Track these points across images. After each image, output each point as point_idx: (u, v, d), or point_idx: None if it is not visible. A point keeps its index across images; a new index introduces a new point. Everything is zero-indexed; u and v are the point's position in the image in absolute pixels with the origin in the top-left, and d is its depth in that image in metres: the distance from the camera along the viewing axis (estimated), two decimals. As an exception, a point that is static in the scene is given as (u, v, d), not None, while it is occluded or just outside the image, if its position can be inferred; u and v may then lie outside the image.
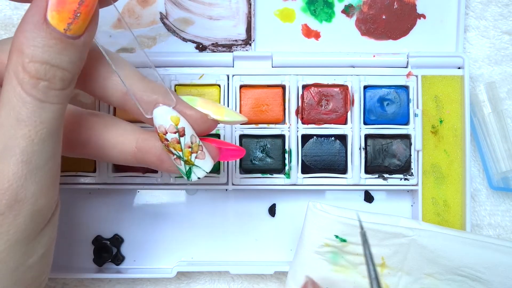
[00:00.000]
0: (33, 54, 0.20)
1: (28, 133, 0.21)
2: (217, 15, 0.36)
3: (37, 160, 0.21)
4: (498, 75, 0.38)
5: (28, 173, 0.21)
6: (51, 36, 0.20)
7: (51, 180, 0.22)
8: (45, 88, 0.21)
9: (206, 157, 0.26)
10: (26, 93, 0.20)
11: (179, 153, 0.25)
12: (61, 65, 0.21)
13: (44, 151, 0.21)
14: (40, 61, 0.20)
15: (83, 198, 0.36)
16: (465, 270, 0.32)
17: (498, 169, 0.36)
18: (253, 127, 0.35)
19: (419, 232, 0.32)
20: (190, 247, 0.37)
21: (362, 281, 0.33)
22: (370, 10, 0.36)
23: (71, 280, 0.36)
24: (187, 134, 0.25)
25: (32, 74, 0.20)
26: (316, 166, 0.35)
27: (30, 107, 0.21)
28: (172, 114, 0.24)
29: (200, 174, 0.26)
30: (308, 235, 0.33)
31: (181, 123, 0.24)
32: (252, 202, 0.37)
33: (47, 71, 0.20)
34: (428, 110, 0.36)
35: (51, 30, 0.20)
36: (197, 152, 0.25)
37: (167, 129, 0.24)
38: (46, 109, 0.21)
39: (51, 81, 0.21)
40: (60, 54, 0.21)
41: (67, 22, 0.20)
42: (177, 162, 0.25)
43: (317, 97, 0.35)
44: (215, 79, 0.35)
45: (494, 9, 0.38)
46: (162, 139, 0.24)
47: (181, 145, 0.25)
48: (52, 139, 0.22)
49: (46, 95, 0.21)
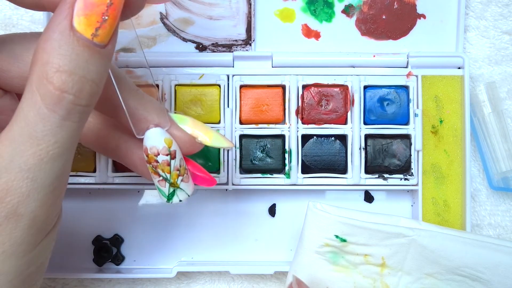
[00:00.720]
0: (60, 63, 0.19)
1: (39, 152, 0.20)
2: (217, 15, 0.36)
3: (43, 179, 0.20)
4: (498, 75, 0.38)
5: (32, 190, 0.20)
6: (78, 44, 0.19)
7: (54, 197, 0.22)
8: (69, 104, 0.19)
9: (189, 181, 0.26)
10: (47, 109, 0.19)
11: (167, 175, 0.25)
12: (90, 76, 0.20)
13: (52, 171, 0.20)
14: (68, 71, 0.19)
15: (83, 198, 0.36)
16: (465, 270, 0.32)
17: (498, 169, 0.36)
18: (253, 127, 0.35)
19: (419, 232, 0.32)
20: (190, 247, 0.37)
21: (362, 281, 0.33)
22: (370, 10, 0.36)
23: (71, 280, 0.36)
24: (177, 157, 0.25)
25: (57, 86, 0.19)
26: (316, 166, 0.35)
27: (48, 125, 0.19)
28: (165, 137, 0.24)
29: (182, 197, 0.26)
30: (308, 235, 0.33)
31: (173, 146, 0.24)
32: (252, 202, 0.37)
33: (75, 82, 0.19)
34: (428, 110, 0.36)
35: (78, 37, 0.19)
36: (183, 175, 0.25)
37: (160, 151, 0.24)
38: (65, 128, 0.20)
39: (78, 95, 0.19)
40: (89, 64, 0.19)
41: (95, 27, 0.19)
42: (160, 184, 0.25)
43: (317, 97, 0.35)
44: (215, 79, 0.35)
45: (494, 9, 0.38)
46: (151, 160, 0.24)
47: (170, 167, 0.24)
48: (62, 158, 0.21)
49: (69, 112, 0.20)
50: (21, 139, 0.19)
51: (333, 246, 0.32)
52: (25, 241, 0.21)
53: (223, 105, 0.35)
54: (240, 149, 0.35)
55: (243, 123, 0.35)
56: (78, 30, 0.19)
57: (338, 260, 0.33)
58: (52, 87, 0.19)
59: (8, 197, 0.20)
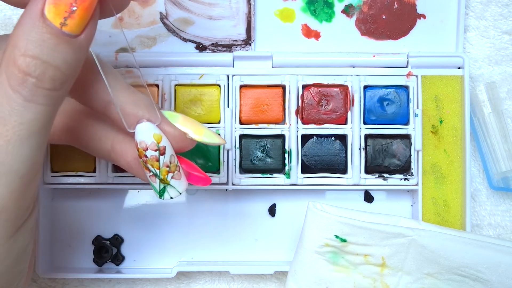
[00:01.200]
0: (26, 47, 0.19)
1: (5, 133, 0.20)
2: (217, 15, 0.36)
3: (11, 163, 0.20)
4: (498, 75, 0.38)
5: (0, 174, 0.20)
6: (46, 31, 0.20)
7: (25, 184, 0.21)
8: (32, 86, 0.20)
9: (181, 178, 0.26)
10: (12, 89, 0.20)
11: (156, 171, 0.25)
12: (53, 62, 0.20)
13: (20, 154, 0.20)
14: (32, 56, 0.20)
15: (83, 198, 0.36)
16: (465, 270, 0.32)
17: (498, 169, 0.36)
18: (253, 127, 0.35)
19: (419, 232, 0.32)
20: (190, 247, 0.37)
21: (362, 281, 0.33)
22: (370, 10, 0.36)
23: (71, 280, 0.36)
24: (167, 153, 0.25)
25: (21, 69, 0.20)
26: (316, 166, 0.35)
27: (14, 105, 0.20)
28: (155, 132, 0.24)
29: (173, 194, 0.26)
30: (308, 235, 0.33)
31: (163, 142, 0.24)
32: (252, 202, 0.37)
33: (37, 67, 0.20)
34: (428, 110, 0.36)
35: (47, 25, 0.19)
36: (174, 172, 0.25)
37: (148, 146, 0.24)
38: (30, 109, 0.20)
39: (40, 79, 0.20)
40: (54, 51, 0.20)
41: (63, 16, 0.20)
42: (152, 179, 0.25)
43: (317, 97, 0.35)
44: (215, 79, 0.35)
45: (494, 9, 0.38)
46: (141, 155, 0.24)
47: (159, 163, 0.24)
48: (30, 142, 0.21)
49: (33, 94, 0.20)
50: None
51: (333, 246, 0.32)
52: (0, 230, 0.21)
53: (223, 105, 0.35)
54: (240, 149, 0.35)
55: (243, 123, 0.35)
56: (48, 17, 0.20)
57: (338, 260, 0.33)
58: (16, 69, 0.20)
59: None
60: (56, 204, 0.36)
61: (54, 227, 0.36)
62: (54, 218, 0.36)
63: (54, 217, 0.36)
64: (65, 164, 0.35)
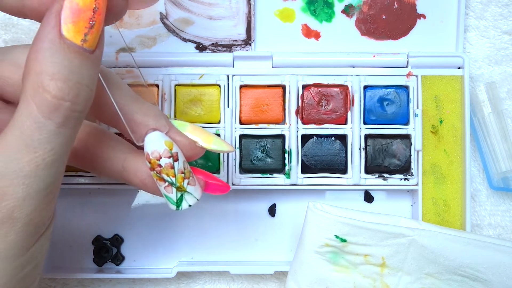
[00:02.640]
0: (54, 71, 0.19)
1: (35, 159, 0.20)
2: (217, 15, 0.36)
3: (39, 185, 0.21)
4: (498, 75, 0.38)
5: (27, 195, 0.20)
6: (70, 51, 0.19)
7: (49, 201, 0.22)
8: (67, 111, 0.20)
9: (196, 184, 0.26)
10: (44, 117, 0.19)
11: (172, 179, 0.24)
12: (84, 81, 0.20)
13: (48, 176, 0.21)
14: (63, 78, 0.19)
15: (83, 198, 0.36)
16: (465, 270, 0.32)
17: (498, 169, 0.36)
18: (253, 127, 0.35)
19: (419, 232, 0.32)
20: (190, 247, 0.37)
21: (362, 281, 0.33)
22: (370, 10, 0.36)
23: (71, 280, 0.36)
24: (180, 159, 0.25)
25: (54, 94, 0.19)
26: (316, 166, 0.35)
27: (44, 133, 0.20)
28: (165, 139, 0.24)
29: (191, 201, 0.26)
30: (308, 235, 0.33)
31: (175, 148, 0.24)
32: (252, 202, 0.37)
33: (71, 88, 0.19)
34: (428, 110, 0.36)
35: (68, 44, 0.19)
36: (189, 178, 0.25)
37: (162, 154, 0.24)
38: (61, 134, 0.20)
39: (74, 101, 0.20)
40: (81, 69, 0.20)
41: (84, 33, 0.20)
42: (167, 190, 0.25)
43: (317, 97, 0.35)
44: (215, 79, 0.35)
45: (494, 9, 0.38)
46: (155, 166, 0.24)
47: (174, 170, 0.24)
48: (57, 164, 0.21)
49: (66, 119, 0.20)
50: (17, 147, 0.20)
51: (333, 246, 0.32)
52: (18, 244, 0.21)
53: (223, 105, 0.35)
54: (240, 149, 0.35)
55: (243, 123, 0.35)
56: (67, 37, 0.19)
57: (338, 260, 0.33)
58: (49, 95, 0.19)
59: (4, 202, 0.20)
60: (56, 204, 0.36)
61: (54, 227, 0.36)
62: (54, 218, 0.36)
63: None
64: (65, 164, 0.35)
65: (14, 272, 0.22)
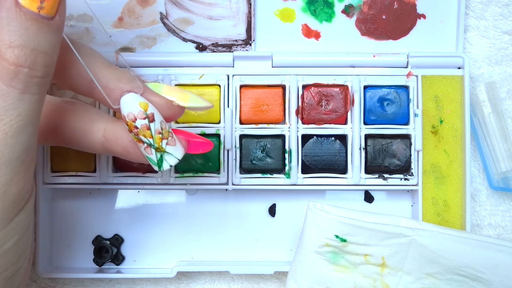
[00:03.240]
0: (11, 39, 0.19)
1: (2, 127, 0.20)
2: (217, 15, 0.36)
3: (10, 153, 0.21)
4: (498, 75, 0.38)
5: (0, 165, 0.20)
6: (26, 18, 0.19)
7: (24, 170, 0.22)
8: (26, 77, 0.20)
9: (176, 144, 0.25)
10: (5, 84, 0.20)
11: (150, 140, 0.24)
12: (42, 48, 0.20)
13: (18, 144, 0.21)
14: (20, 46, 0.20)
15: (83, 198, 0.36)
16: (465, 270, 0.32)
17: (498, 169, 0.36)
18: (253, 127, 0.35)
19: (419, 232, 0.32)
20: (190, 247, 0.37)
21: (362, 281, 0.33)
22: (370, 10, 0.36)
23: (71, 280, 0.36)
24: (156, 120, 0.24)
25: (11, 61, 0.19)
26: (316, 166, 0.35)
27: (9, 100, 0.20)
28: (140, 100, 0.24)
29: (172, 161, 0.25)
30: (308, 235, 0.33)
31: (150, 109, 0.24)
32: (252, 202, 0.37)
33: (28, 55, 0.20)
34: (428, 110, 0.36)
35: (25, 12, 0.19)
36: (167, 138, 0.25)
37: (136, 116, 0.24)
38: (25, 100, 0.20)
39: (33, 67, 0.20)
40: (38, 36, 0.20)
41: (39, 0, 0.20)
42: (147, 152, 0.25)
43: (317, 97, 0.35)
44: (215, 79, 0.35)
45: (494, 9, 0.38)
46: (131, 128, 0.24)
47: (151, 131, 0.24)
48: (27, 131, 0.21)
49: (27, 84, 0.20)
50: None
51: (333, 246, 0.32)
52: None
53: (223, 105, 0.35)
54: (240, 149, 0.35)
55: (243, 123, 0.35)
56: (23, 5, 0.19)
57: (338, 260, 0.33)
58: (6, 62, 0.20)
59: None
60: (56, 204, 0.36)
61: (54, 227, 0.36)
62: (54, 218, 0.36)
63: (54, 217, 0.36)
64: (65, 164, 0.35)
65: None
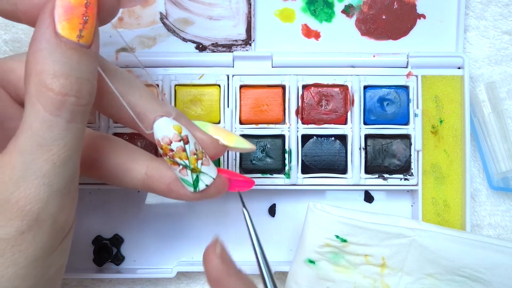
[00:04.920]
0: (55, 69, 0.20)
1: (51, 157, 0.20)
2: (217, 15, 0.36)
3: (59, 183, 0.21)
4: (498, 75, 0.38)
5: (50, 195, 0.21)
6: (66, 48, 0.20)
7: (70, 199, 0.22)
8: (72, 105, 0.20)
9: (210, 164, 0.26)
10: (52, 115, 0.20)
11: (185, 161, 0.25)
12: (85, 76, 0.20)
13: (66, 174, 0.21)
14: (64, 75, 0.20)
15: (83, 198, 0.36)
16: (465, 271, 0.32)
17: (498, 169, 0.36)
18: (253, 127, 0.35)
19: (419, 232, 0.32)
20: (190, 247, 0.37)
21: (362, 281, 0.33)
22: (370, 10, 0.36)
23: (71, 280, 0.36)
24: (190, 141, 0.25)
25: (57, 90, 0.20)
26: (316, 166, 0.35)
27: (56, 130, 0.20)
28: (173, 124, 0.24)
29: (207, 181, 0.26)
30: (309, 235, 0.33)
31: (184, 131, 0.25)
32: (252, 202, 0.37)
33: (73, 84, 0.20)
34: (428, 110, 0.36)
35: (65, 42, 0.20)
36: (202, 158, 0.25)
37: (171, 139, 0.24)
38: (71, 130, 0.20)
39: (79, 96, 0.20)
40: (80, 65, 0.20)
41: (78, 29, 0.20)
42: (182, 174, 0.25)
43: (317, 97, 0.35)
44: (215, 79, 0.35)
45: (494, 9, 0.38)
46: (167, 151, 0.24)
47: (186, 153, 0.25)
48: (73, 160, 0.21)
49: (73, 113, 0.20)
50: (31, 149, 0.20)
51: (334, 246, 0.32)
52: (46, 245, 0.22)
53: (223, 105, 0.35)
54: (240, 149, 0.35)
55: (243, 123, 0.35)
56: (63, 35, 0.20)
57: (338, 260, 0.33)
58: (53, 93, 0.20)
59: (28, 205, 0.20)
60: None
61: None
62: (54, 218, 0.36)
63: (54, 217, 0.36)
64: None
65: (40, 273, 0.22)
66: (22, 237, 0.21)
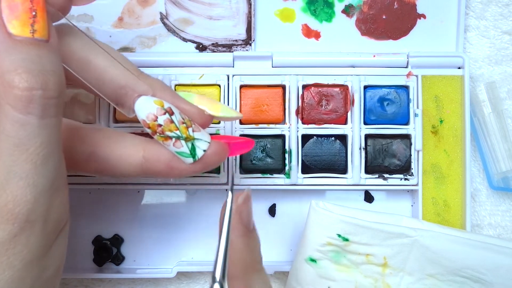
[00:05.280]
0: (15, 66, 0.19)
1: (29, 157, 0.20)
2: (217, 15, 0.36)
3: (43, 182, 0.21)
4: (498, 75, 0.38)
5: (36, 195, 0.20)
6: (22, 44, 0.20)
7: (59, 197, 0.22)
8: (41, 99, 0.20)
9: (201, 129, 0.26)
10: (22, 113, 0.19)
11: (177, 132, 0.24)
12: (48, 68, 0.20)
13: (49, 171, 0.21)
14: (26, 70, 0.19)
15: (83, 198, 0.36)
16: (467, 272, 0.32)
17: (498, 169, 0.36)
18: (253, 127, 0.35)
19: (421, 232, 0.32)
20: (190, 247, 0.37)
21: (363, 281, 0.33)
22: (370, 10, 0.36)
23: (71, 280, 0.36)
24: (175, 112, 0.25)
25: (22, 86, 0.19)
26: (316, 166, 0.35)
27: (29, 128, 0.20)
28: (153, 99, 0.24)
29: (204, 146, 0.25)
30: (311, 234, 0.33)
31: (166, 104, 0.24)
32: (252, 202, 0.37)
33: (37, 78, 0.20)
34: (428, 110, 0.36)
35: (20, 40, 0.20)
36: (191, 126, 0.25)
37: (156, 114, 0.24)
38: (45, 125, 0.20)
39: (46, 88, 0.20)
40: (41, 58, 0.20)
41: (29, 23, 0.20)
42: (177, 146, 0.25)
43: (317, 97, 0.35)
44: (215, 79, 0.35)
45: (494, 9, 0.38)
46: (155, 128, 0.24)
47: (175, 123, 0.24)
48: (54, 157, 0.21)
49: (44, 107, 0.20)
50: (8, 151, 0.20)
51: (336, 245, 0.32)
52: (40, 245, 0.22)
53: (223, 105, 0.35)
54: (240, 149, 0.35)
55: (243, 123, 0.35)
56: (16, 33, 0.20)
57: (340, 259, 0.33)
58: (18, 89, 0.19)
59: (17, 207, 0.20)
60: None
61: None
62: (54, 218, 0.36)
63: (54, 217, 0.36)
64: (65, 164, 0.35)
65: (38, 274, 0.22)
66: (15, 240, 0.20)
